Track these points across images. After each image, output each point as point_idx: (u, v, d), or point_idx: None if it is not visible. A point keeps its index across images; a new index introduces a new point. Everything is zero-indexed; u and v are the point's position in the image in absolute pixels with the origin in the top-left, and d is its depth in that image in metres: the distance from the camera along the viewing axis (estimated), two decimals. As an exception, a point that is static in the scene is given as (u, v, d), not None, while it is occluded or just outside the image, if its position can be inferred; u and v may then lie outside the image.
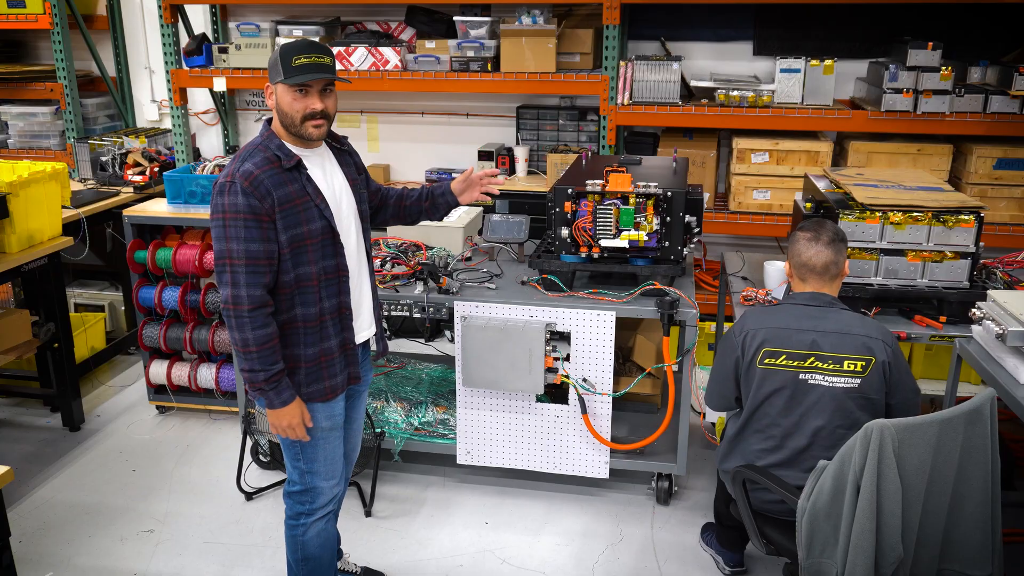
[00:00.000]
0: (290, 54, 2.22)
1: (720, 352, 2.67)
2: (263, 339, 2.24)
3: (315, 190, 2.32)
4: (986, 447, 2.13)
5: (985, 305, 2.71)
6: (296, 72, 2.21)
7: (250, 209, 2.20)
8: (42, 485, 3.56)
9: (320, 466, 2.50)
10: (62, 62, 4.90)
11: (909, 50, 4.00)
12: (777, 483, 2.43)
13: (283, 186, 2.25)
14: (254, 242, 2.21)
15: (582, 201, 3.05)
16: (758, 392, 2.51)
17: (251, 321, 2.22)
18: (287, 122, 2.29)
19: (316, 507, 2.53)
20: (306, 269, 2.31)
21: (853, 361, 2.43)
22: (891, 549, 2.08)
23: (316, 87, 2.26)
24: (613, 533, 3.25)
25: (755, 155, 4.30)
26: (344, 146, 2.50)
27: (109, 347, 4.54)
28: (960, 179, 4.22)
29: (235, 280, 2.22)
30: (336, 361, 2.42)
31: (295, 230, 2.26)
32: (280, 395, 2.30)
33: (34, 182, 3.56)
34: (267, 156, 2.27)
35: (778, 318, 2.53)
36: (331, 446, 2.50)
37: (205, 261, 3.81)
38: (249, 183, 2.20)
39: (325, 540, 2.60)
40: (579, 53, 4.55)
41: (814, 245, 2.54)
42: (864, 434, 2.05)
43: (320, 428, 2.45)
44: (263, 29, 4.70)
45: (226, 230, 2.21)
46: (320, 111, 2.27)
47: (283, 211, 2.24)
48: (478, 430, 3.36)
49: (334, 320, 2.39)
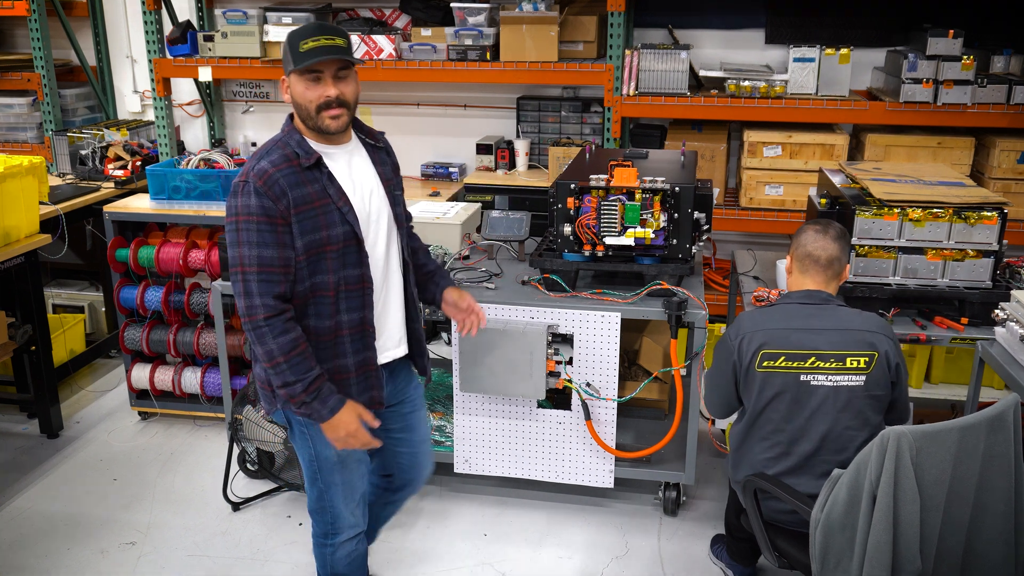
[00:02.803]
0: (298, 38, 2.14)
1: (717, 358, 2.67)
2: (288, 346, 2.14)
3: (337, 191, 2.22)
4: (1009, 455, 2.13)
5: (1009, 306, 2.72)
6: (304, 57, 2.13)
7: (263, 211, 2.12)
8: (18, 495, 3.56)
9: (339, 490, 2.42)
10: (39, 51, 4.89)
11: (929, 38, 3.99)
12: (790, 493, 2.43)
13: (301, 186, 2.16)
14: (267, 247, 2.13)
15: (586, 197, 3.04)
16: (760, 397, 2.51)
17: (270, 330, 2.13)
18: (303, 115, 2.21)
19: (340, 528, 2.49)
20: (324, 278, 2.21)
21: (856, 358, 2.43)
22: (909, 562, 2.07)
23: (329, 72, 2.17)
24: (618, 545, 3.25)
25: (767, 148, 4.30)
26: (379, 142, 2.40)
27: (89, 350, 4.54)
28: (982, 174, 4.22)
29: (248, 289, 2.14)
30: (351, 382, 2.32)
31: (313, 235, 2.17)
32: (326, 404, 2.19)
33: (10, 176, 3.56)
34: (286, 153, 2.19)
35: (774, 319, 2.54)
36: (349, 472, 2.42)
37: (189, 260, 3.81)
38: (263, 182, 2.13)
39: (355, 559, 2.56)
40: (582, 41, 4.55)
41: (822, 237, 2.58)
42: (880, 442, 2.05)
43: (337, 454, 2.36)
44: (251, 16, 4.69)
45: (238, 234, 2.14)
46: (335, 98, 2.18)
47: (299, 214, 2.15)
48: (477, 437, 3.35)
49: (354, 336, 2.29)
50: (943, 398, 4.13)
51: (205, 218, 3.85)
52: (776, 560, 2.53)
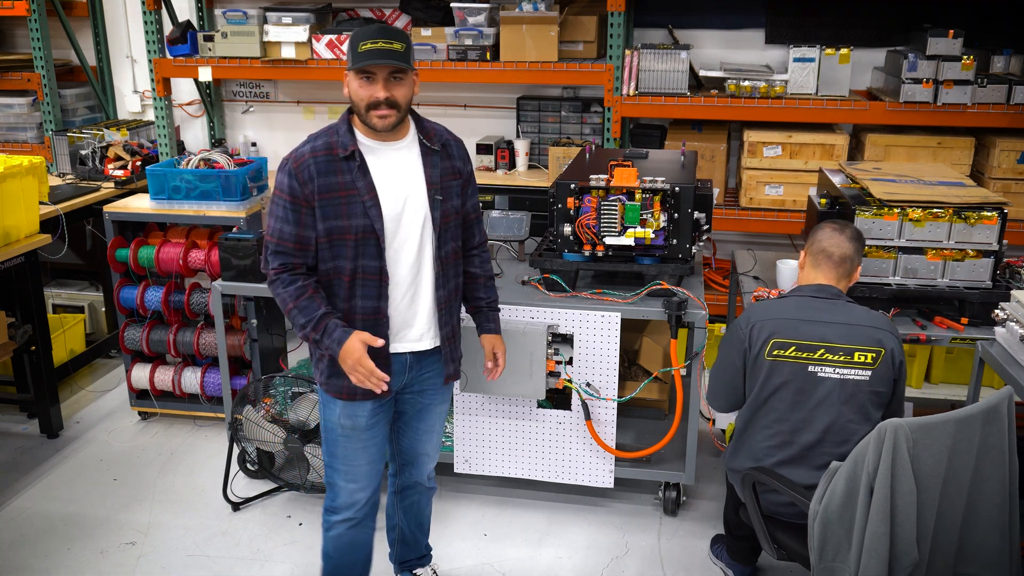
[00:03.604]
0: (358, 39, 2.24)
1: (725, 347, 2.69)
2: (296, 292, 2.32)
3: (367, 185, 2.31)
4: (1003, 447, 2.16)
5: (1009, 306, 2.72)
6: (360, 58, 2.23)
7: (291, 191, 2.30)
8: (18, 495, 3.57)
9: (339, 463, 2.54)
10: (39, 51, 4.90)
11: (929, 38, 4.00)
12: (788, 485, 2.46)
13: (332, 175, 2.29)
14: (288, 223, 2.31)
15: (586, 197, 3.05)
16: (765, 385, 2.54)
17: (281, 282, 2.34)
18: (356, 110, 2.32)
19: (337, 506, 2.57)
20: (342, 263, 2.34)
21: (864, 353, 2.47)
22: (905, 553, 2.10)
23: (381, 74, 2.25)
24: (618, 545, 3.25)
25: (767, 148, 4.30)
26: (434, 144, 2.41)
27: (89, 350, 4.55)
28: (982, 174, 4.22)
29: (266, 255, 2.38)
30: None
31: (334, 222, 2.30)
32: (331, 335, 2.32)
33: (10, 176, 3.56)
34: (330, 141, 2.32)
35: (786, 310, 2.58)
36: (352, 447, 2.51)
37: (190, 260, 3.81)
38: (297, 165, 2.30)
39: (344, 544, 2.62)
40: (582, 41, 4.55)
41: (838, 235, 2.62)
42: (878, 434, 2.07)
43: (340, 425, 2.49)
44: (251, 16, 4.70)
45: (271, 206, 2.36)
46: (383, 100, 2.25)
47: (323, 200, 2.29)
48: (476, 437, 3.36)
49: (366, 323, 2.38)
50: (943, 398, 4.13)
51: (205, 218, 3.85)
52: (775, 552, 2.55)
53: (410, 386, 2.56)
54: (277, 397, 3.44)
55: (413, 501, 2.83)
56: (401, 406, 2.62)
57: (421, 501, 2.84)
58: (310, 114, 5.36)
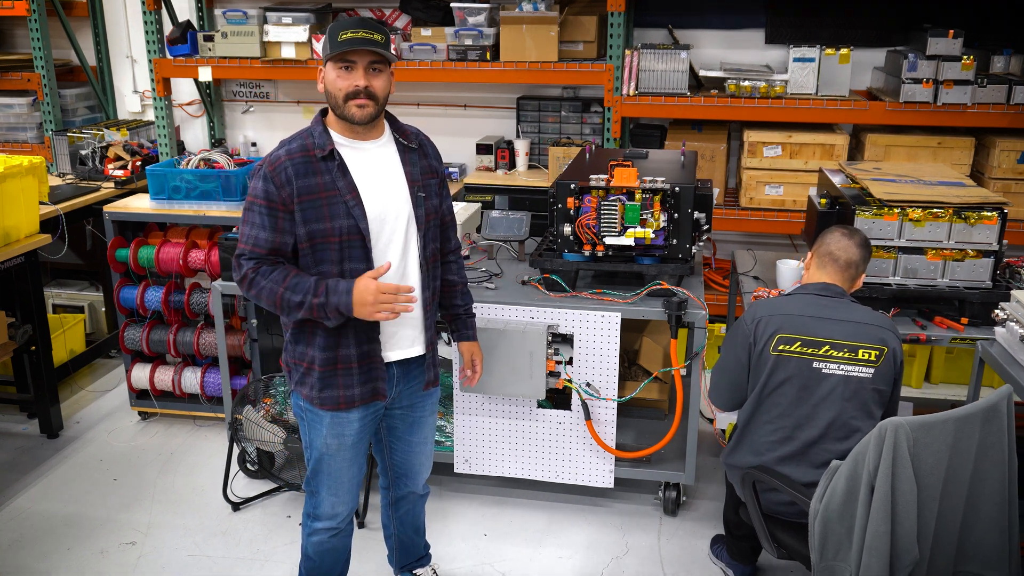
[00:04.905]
0: (338, 30, 2.21)
1: (729, 343, 2.70)
2: (280, 276, 2.23)
3: (348, 185, 2.25)
4: (1003, 445, 2.17)
5: (1009, 306, 2.72)
6: (340, 46, 2.20)
7: (266, 196, 2.23)
8: (18, 495, 3.57)
9: (323, 477, 2.48)
10: (39, 51, 4.90)
11: (929, 38, 4.00)
12: (788, 484, 2.46)
13: (310, 176, 2.23)
14: (264, 230, 2.24)
15: (586, 197, 3.05)
16: (769, 380, 2.55)
17: (260, 275, 2.24)
18: (332, 103, 2.27)
19: (319, 515, 2.54)
20: (327, 268, 2.27)
21: (867, 350, 2.49)
22: (906, 551, 2.11)
23: (361, 63, 2.22)
24: (618, 545, 3.25)
25: (767, 148, 4.30)
26: (411, 142, 2.40)
27: (89, 350, 4.55)
28: (982, 174, 4.22)
29: (236, 264, 2.27)
30: (354, 371, 2.35)
31: (316, 225, 2.23)
32: (335, 290, 2.21)
33: (10, 176, 3.56)
34: (305, 143, 2.27)
35: (792, 306, 2.60)
36: (336, 464, 2.46)
37: (189, 260, 3.81)
38: (273, 169, 2.23)
39: (326, 551, 2.60)
40: (582, 41, 4.55)
41: (846, 240, 2.64)
42: (879, 433, 2.08)
43: (326, 444, 2.42)
44: (251, 16, 4.70)
45: (246, 213, 2.27)
46: (363, 88, 2.22)
47: (303, 203, 2.22)
48: (476, 437, 3.36)
49: (357, 329, 2.31)
50: (943, 398, 4.13)
51: (205, 218, 3.85)
52: (776, 551, 2.55)
53: (398, 400, 2.51)
54: (277, 397, 3.44)
55: (408, 510, 2.81)
56: (391, 422, 2.59)
57: (416, 508, 2.83)
58: (310, 114, 5.36)
